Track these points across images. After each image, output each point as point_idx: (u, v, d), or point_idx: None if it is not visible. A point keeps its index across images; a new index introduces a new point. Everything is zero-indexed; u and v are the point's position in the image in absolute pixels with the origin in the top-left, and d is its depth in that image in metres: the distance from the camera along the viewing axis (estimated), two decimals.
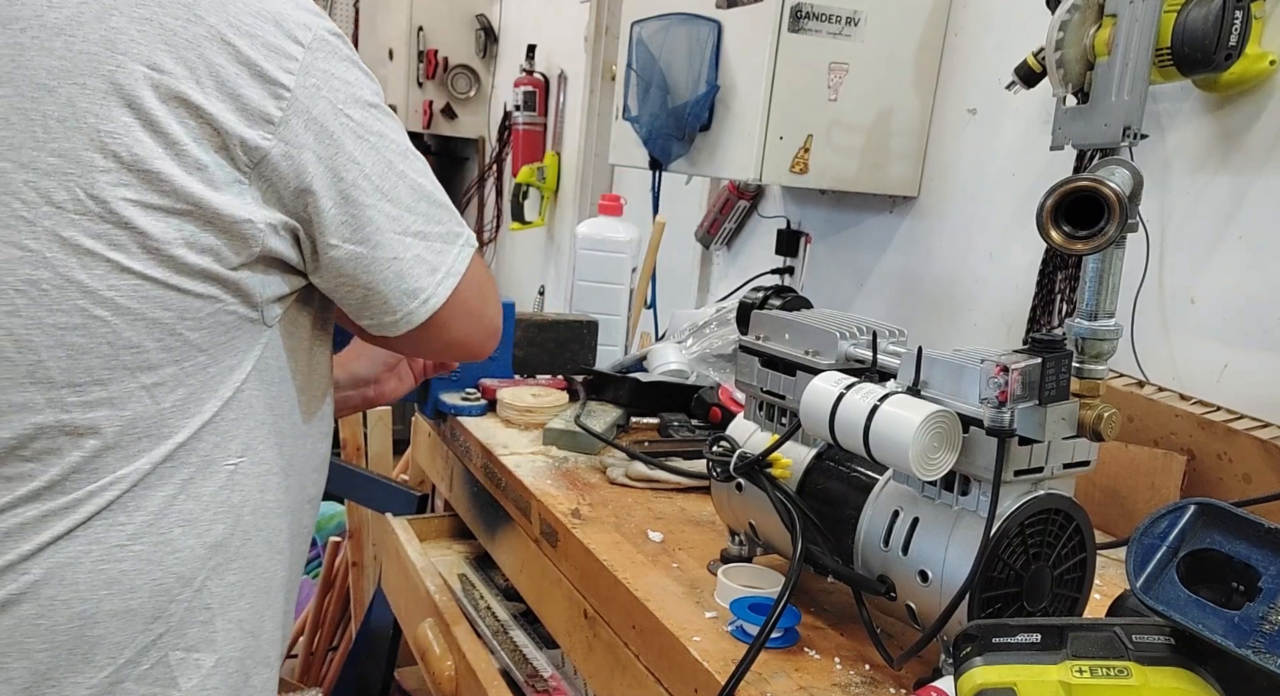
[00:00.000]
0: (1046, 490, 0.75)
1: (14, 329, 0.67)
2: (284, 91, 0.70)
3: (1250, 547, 0.61)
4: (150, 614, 0.73)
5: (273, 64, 0.70)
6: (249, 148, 0.70)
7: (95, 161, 0.66)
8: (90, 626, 0.71)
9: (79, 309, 0.68)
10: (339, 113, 0.73)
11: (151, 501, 0.72)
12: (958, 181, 1.66)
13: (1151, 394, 1.21)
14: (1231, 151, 1.23)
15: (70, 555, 0.70)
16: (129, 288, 0.68)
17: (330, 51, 0.74)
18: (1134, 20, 1.14)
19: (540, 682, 1.21)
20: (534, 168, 3.37)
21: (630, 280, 1.74)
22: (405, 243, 0.78)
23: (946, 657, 0.76)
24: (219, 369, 0.74)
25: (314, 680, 2.20)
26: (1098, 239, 0.72)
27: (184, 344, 0.72)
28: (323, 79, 0.73)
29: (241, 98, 0.69)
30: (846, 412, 0.76)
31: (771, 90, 1.56)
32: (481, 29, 3.95)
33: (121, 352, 0.69)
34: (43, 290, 0.67)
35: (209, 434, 0.75)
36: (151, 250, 0.68)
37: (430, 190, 0.80)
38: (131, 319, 0.69)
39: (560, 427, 1.33)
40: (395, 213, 0.77)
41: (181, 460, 0.73)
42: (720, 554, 1.01)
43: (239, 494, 0.77)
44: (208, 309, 0.72)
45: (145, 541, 0.72)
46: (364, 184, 0.75)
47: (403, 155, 0.78)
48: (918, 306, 1.74)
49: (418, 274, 0.79)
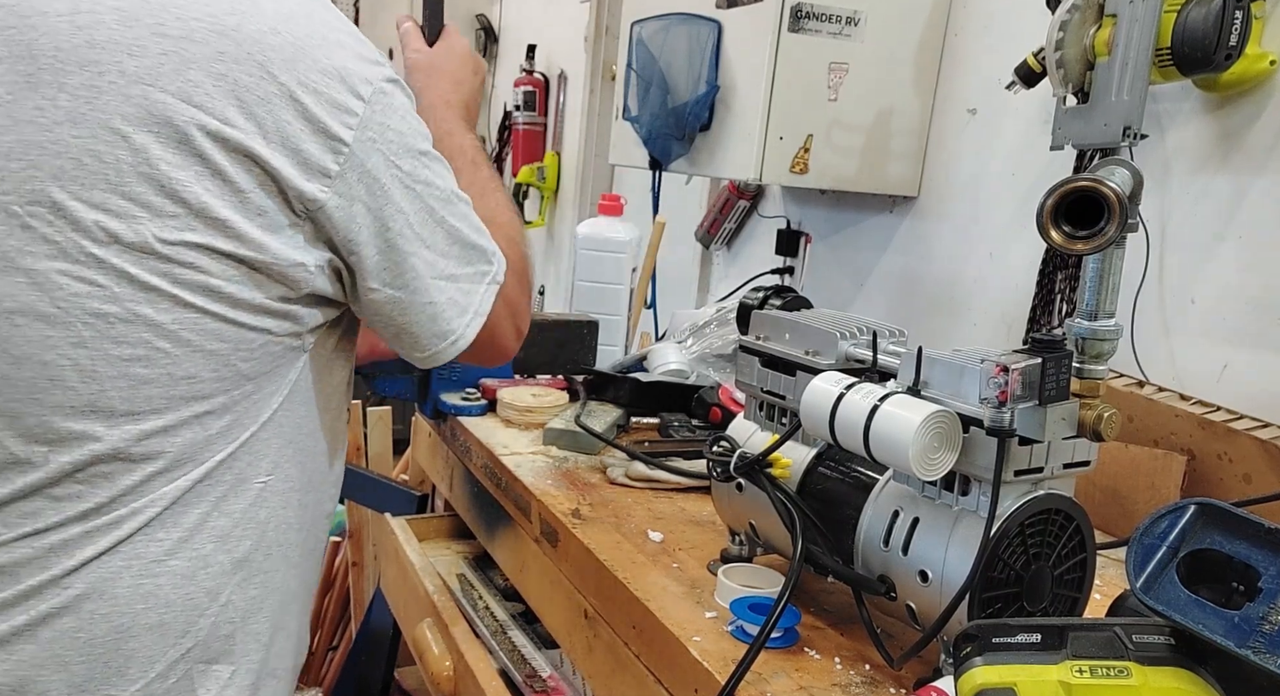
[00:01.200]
0: (1046, 490, 0.75)
1: (79, 360, 0.69)
2: (343, 146, 0.73)
3: (1250, 547, 0.61)
4: (181, 628, 0.75)
5: (335, 120, 0.73)
6: (306, 198, 0.73)
7: (165, 207, 0.69)
8: (126, 640, 0.73)
9: (144, 341, 0.70)
10: (390, 164, 0.76)
11: (188, 518, 0.74)
12: (958, 181, 1.66)
13: (1151, 394, 1.21)
14: (1231, 151, 1.23)
15: (111, 569, 0.72)
16: (190, 321, 0.71)
17: (387, 103, 0.76)
18: (1134, 20, 1.14)
19: (538, 683, 1.21)
20: (534, 168, 3.37)
21: (630, 280, 1.74)
22: (440, 286, 0.81)
23: (946, 657, 0.76)
24: (262, 395, 0.77)
25: (314, 680, 2.20)
26: (1098, 239, 0.72)
27: (235, 374, 0.74)
28: (378, 132, 0.75)
29: (303, 153, 0.72)
30: (846, 412, 0.76)
31: (771, 90, 1.56)
32: (481, 29, 3.95)
33: (179, 383, 0.72)
34: (110, 323, 0.69)
35: (244, 453, 0.77)
36: (213, 289, 0.71)
37: (465, 233, 0.83)
38: (191, 351, 0.72)
39: (560, 427, 1.33)
40: (432, 258, 0.80)
41: (218, 479, 0.76)
42: (720, 554, 1.01)
43: (265, 510, 0.79)
44: (260, 340, 0.75)
45: (180, 557, 0.74)
46: (407, 232, 0.78)
47: (445, 201, 0.81)
48: (918, 306, 1.74)
49: (449, 316, 0.82)
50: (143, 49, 0.68)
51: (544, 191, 3.39)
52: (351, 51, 0.76)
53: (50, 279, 0.68)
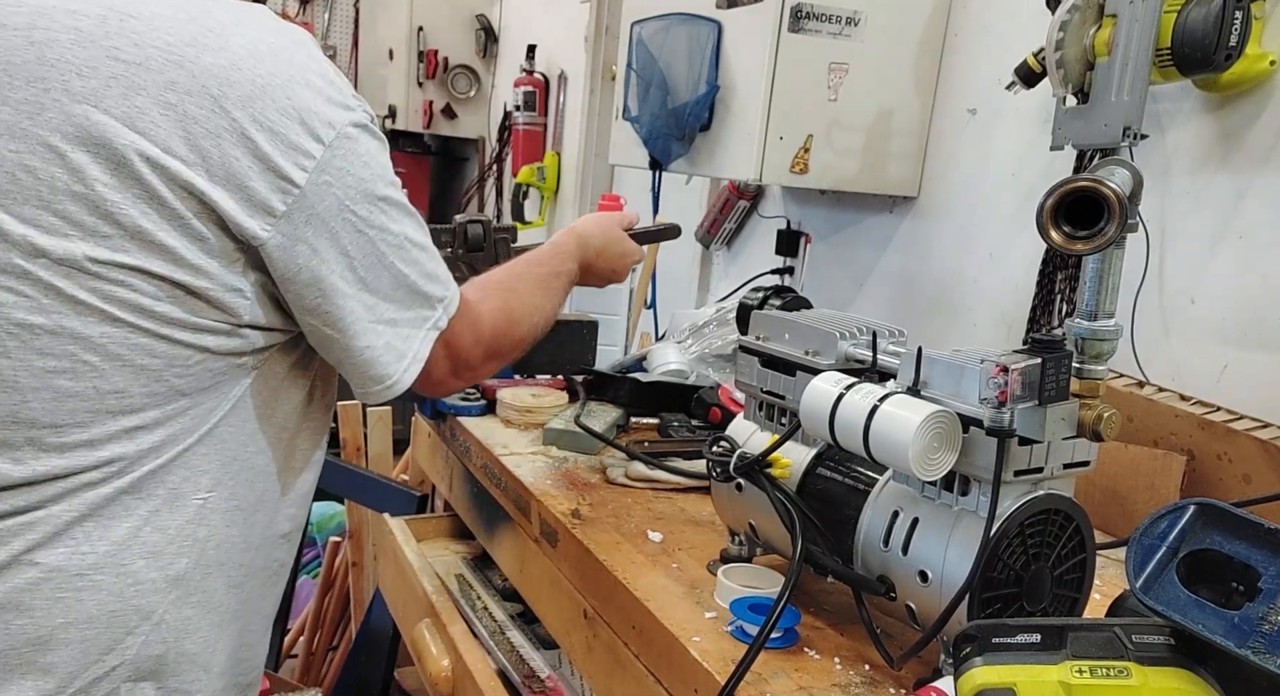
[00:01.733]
0: (1046, 490, 0.75)
1: (2, 370, 0.68)
2: (293, 188, 0.72)
3: (1250, 548, 0.61)
4: (106, 644, 0.73)
5: (288, 161, 0.72)
6: (247, 234, 0.71)
7: (98, 227, 0.68)
8: (44, 653, 0.71)
9: (69, 354, 0.69)
10: (344, 208, 0.75)
11: (115, 531, 0.73)
12: (958, 181, 1.66)
13: (1151, 394, 1.21)
14: (1231, 151, 1.23)
15: (30, 579, 0.70)
16: (120, 336, 0.70)
17: (349, 148, 0.75)
18: (1134, 20, 1.14)
19: (537, 683, 1.21)
20: (534, 168, 3.37)
21: (630, 280, 1.74)
22: (377, 330, 0.80)
23: (946, 657, 0.76)
24: (199, 411, 0.75)
25: (314, 680, 2.20)
26: (1098, 239, 0.72)
27: (169, 389, 0.73)
28: (336, 175, 0.74)
29: (248, 190, 0.71)
30: (846, 413, 0.76)
31: (771, 90, 1.56)
32: (481, 29, 3.95)
33: (106, 397, 0.71)
34: (35, 334, 0.68)
35: (179, 468, 0.75)
36: (144, 309, 0.70)
37: (411, 279, 0.81)
38: (120, 365, 0.70)
39: (560, 427, 1.33)
40: (372, 302, 0.79)
41: (148, 492, 0.74)
42: (720, 554, 1.01)
43: (205, 528, 0.77)
44: (196, 357, 0.73)
45: (106, 572, 0.72)
46: (349, 276, 0.77)
47: (397, 247, 0.80)
48: (918, 306, 1.74)
49: (386, 361, 0.81)
50: (93, 71, 0.68)
51: (544, 191, 3.39)
52: (319, 93, 0.74)
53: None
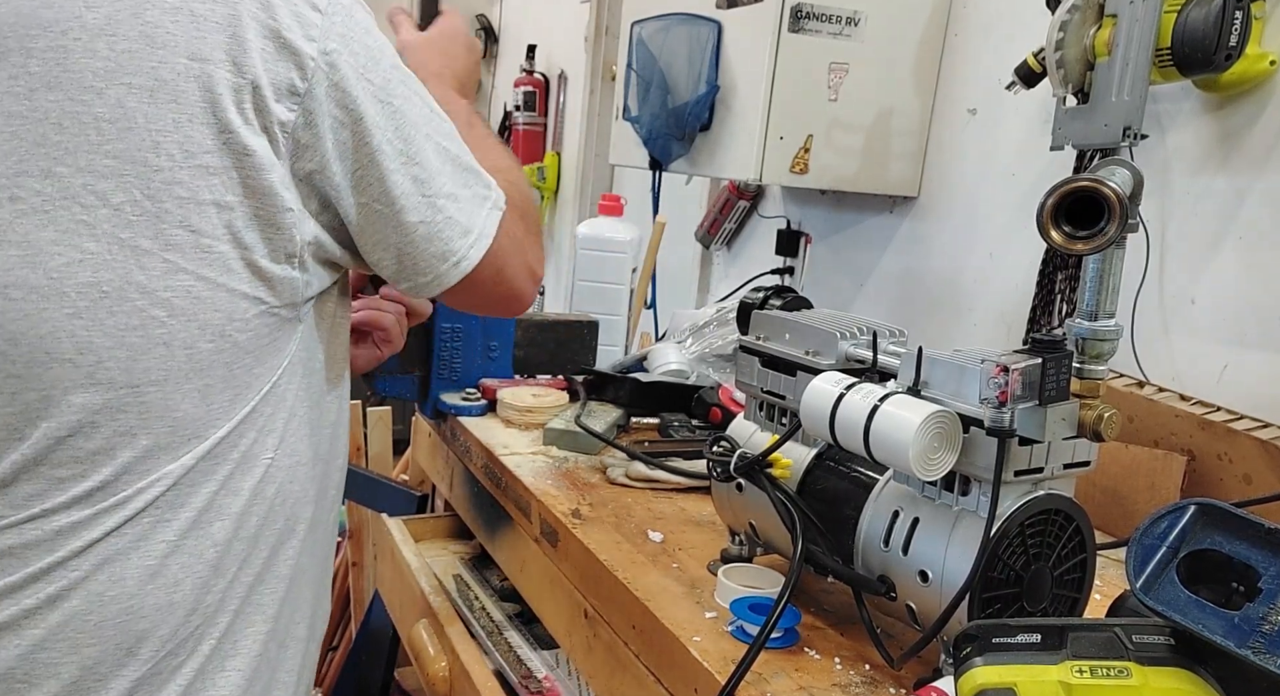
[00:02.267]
0: (1046, 490, 0.75)
1: (76, 331, 0.68)
2: (308, 60, 0.71)
3: (1250, 548, 0.61)
4: (190, 606, 0.75)
5: (295, 34, 0.71)
6: (283, 123, 0.71)
7: (149, 160, 0.67)
8: (136, 620, 0.73)
9: (137, 309, 0.69)
10: (360, 77, 0.74)
11: (197, 497, 0.74)
12: (958, 181, 1.66)
13: (1151, 394, 1.21)
14: (1231, 152, 1.23)
15: (119, 550, 0.71)
16: (183, 288, 0.70)
17: (347, 15, 0.74)
18: (1134, 20, 1.14)
19: (534, 683, 1.21)
20: (534, 168, 3.37)
21: (630, 280, 1.74)
22: (436, 204, 0.78)
23: (946, 657, 0.76)
24: (263, 369, 0.76)
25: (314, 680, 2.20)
26: (1098, 239, 0.72)
27: (233, 346, 0.73)
28: (341, 43, 0.73)
29: (272, 72, 0.70)
30: (846, 413, 0.76)
31: (771, 90, 1.56)
32: (481, 29, 3.95)
33: (177, 353, 0.71)
34: (103, 292, 0.68)
35: (249, 429, 0.76)
36: (204, 248, 0.70)
37: (456, 153, 0.80)
38: (185, 320, 0.70)
39: (560, 427, 1.33)
40: (423, 175, 0.77)
41: (223, 456, 0.75)
42: (720, 554, 1.01)
43: (273, 486, 0.79)
44: (254, 310, 0.73)
45: (191, 537, 0.74)
46: (387, 148, 0.75)
47: (427, 118, 0.79)
48: (918, 306, 1.74)
49: (449, 236, 0.79)
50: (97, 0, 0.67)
51: (544, 191, 3.39)
52: None
53: (42, 250, 0.67)
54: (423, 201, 0.78)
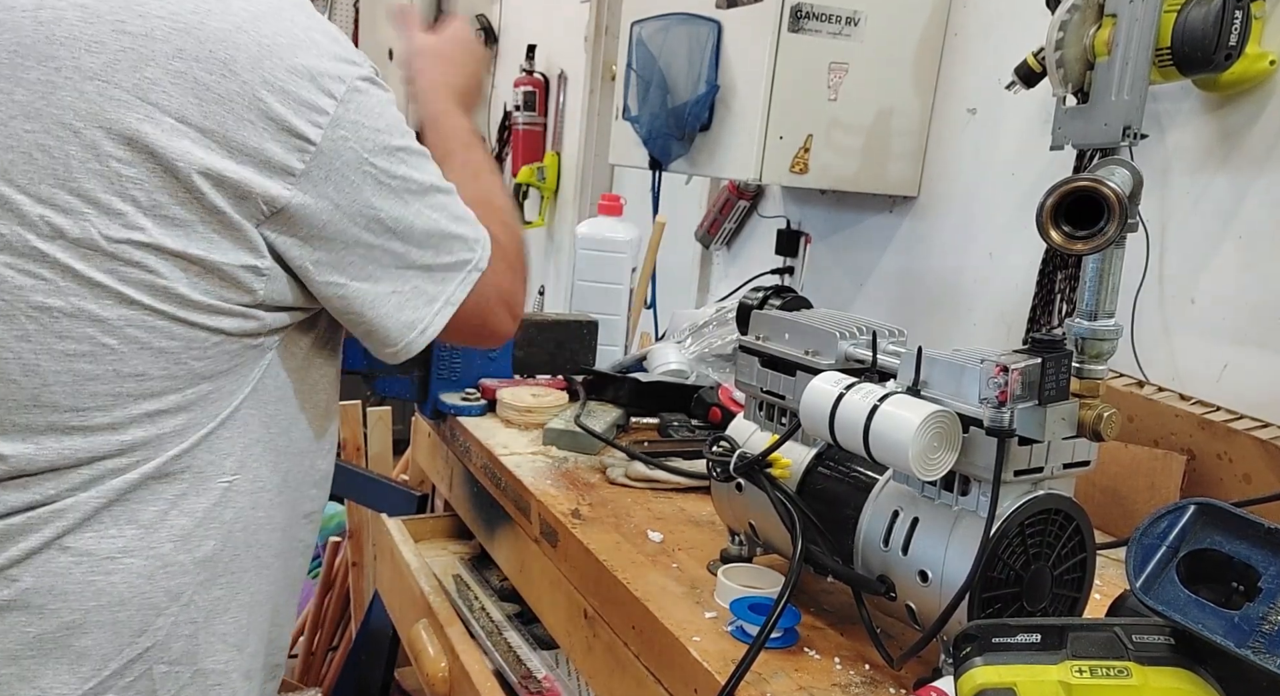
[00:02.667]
0: (1046, 490, 0.75)
1: (23, 353, 0.69)
2: (309, 145, 0.72)
3: (1250, 547, 0.61)
4: (138, 627, 0.74)
5: (302, 119, 0.72)
6: (269, 198, 0.71)
7: (112, 204, 0.68)
8: (78, 637, 0.72)
9: (88, 337, 0.69)
10: (363, 161, 0.75)
11: (143, 515, 0.73)
12: (958, 181, 1.66)
13: (1151, 394, 1.21)
14: (1231, 151, 1.23)
15: (61, 564, 0.71)
16: (138, 318, 0.70)
17: (361, 102, 0.75)
18: (1134, 20, 1.14)
19: (534, 684, 1.21)
20: (534, 168, 3.37)
21: (630, 280, 1.74)
22: (406, 276, 0.80)
23: (946, 657, 0.76)
24: (220, 394, 0.76)
25: (314, 680, 2.20)
26: (1098, 239, 0.72)
27: (188, 372, 0.73)
28: (351, 130, 0.74)
29: (265, 152, 0.70)
30: (846, 412, 0.76)
31: (771, 90, 1.56)
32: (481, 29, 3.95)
33: (126, 380, 0.71)
34: (54, 317, 0.68)
35: (203, 451, 0.75)
36: (160, 288, 0.70)
37: (443, 225, 0.81)
38: (138, 348, 0.71)
39: (560, 427, 1.33)
40: (403, 250, 0.79)
41: (174, 475, 0.74)
42: (720, 554, 1.01)
43: (231, 510, 0.78)
44: (213, 339, 0.74)
45: (136, 556, 0.73)
46: (375, 227, 0.77)
47: (422, 194, 0.80)
48: (918, 306, 1.74)
49: (415, 305, 0.81)
50: (101, 46, 0.68)
51: (544, 191, 3.39)
52: (324, 51, 0.75)
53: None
54: (396, 274, 0.79)
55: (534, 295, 3.48)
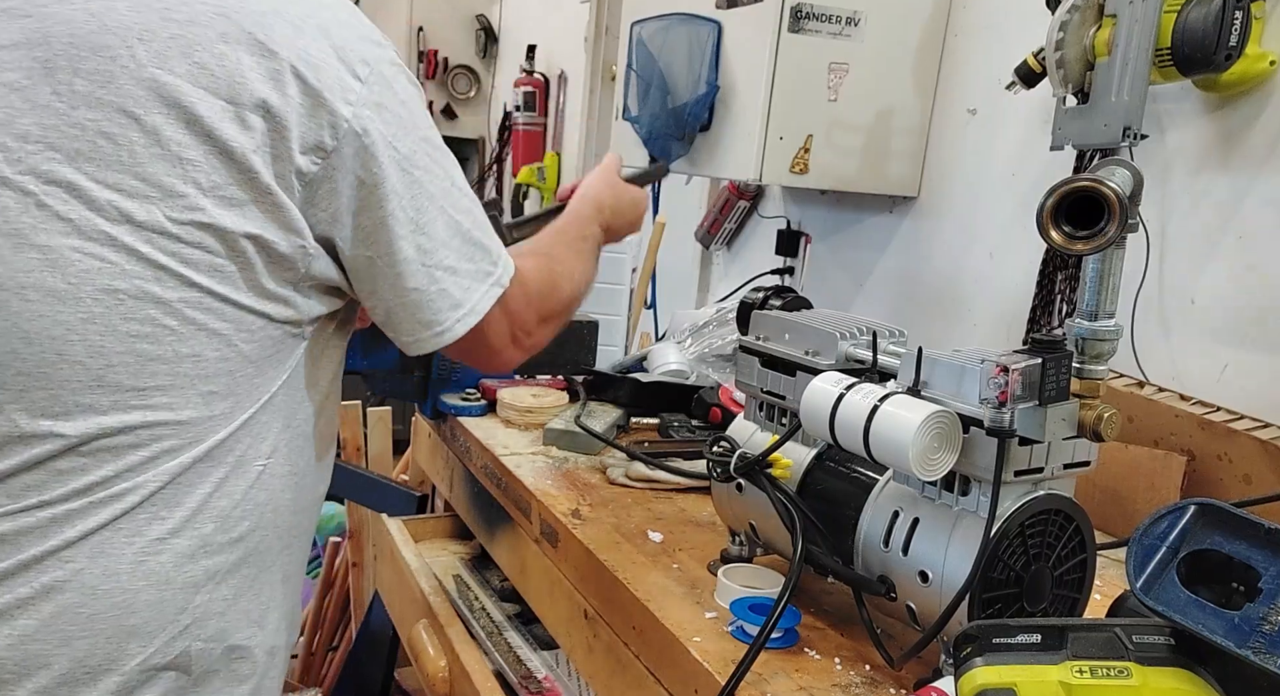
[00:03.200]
0: (1046, 490, 0.75)
1: (88, 335, 0.71)
2: (341, 122, 0.75)
3: (1250, 548, 0.61)
4: (180, 604, 0.76)
5: (334, 96, 0.74)
6: (302, 173, 0.74)
7: (175, 187, 0.71)
8: (128, 616, 0.74)
9: (151, 318, 0.72)
10: (388, 145, 0.77)
11: (192, 497, 0.76)
12: (958, 181, 1.66)
13: (1151, 394, 1.21)
14: (1231, 151, 1.23)
15: (114, 545, 0.73)
16: (195, 300, 0.73)
17: (386, 85, 0.78)
18: (1134, 20, 1.14)
19: (534, 684, 1.21)
20: (534, 168, 3.37)
21: (630, 280, 1.74)
22: (433, 275, 0.81)
23: (946, 658, 0.76)
24: (263, 379, 0.79)
25: (314, 680, 2.20)
26: (1098, 239, 0.72)
27: (238, 355, 0.76)
28: (376, 111, 0.76)
29: (303, 127, 0.73)
30: (846, 413, 0.76)
31: (771, 90, 1.56)
32: (481, 29, 3.95)
33: (184, 361, 0.74)
34: (119, 300, 0.71)
35: (245, 435, 0.78)
36: (217, 269, 0.73)
37: (466, 227, 0.83)
38: (195, 329, 0.74)
39: (560, 428, 1.33)
40: (428, 246, 0.80)
41: (219, 459, 0.77)
42: (720, 554, 1.01)
43: (265, 492, 0.81)
44: (259, 323, 0.76)
45: (183, 536, 0.76)
46: (400, 215, 0.78)
47: (446, 192, 0.81)
48: (918, 306, 1.74)
49: (439, 307, 0.82)
50: (152, 34, 0.71)
51: (544, 191, 3.39)
52: (353, 31, 0.78)
53: (63, 255, 0.70)
54: (422, 270, 0.81)
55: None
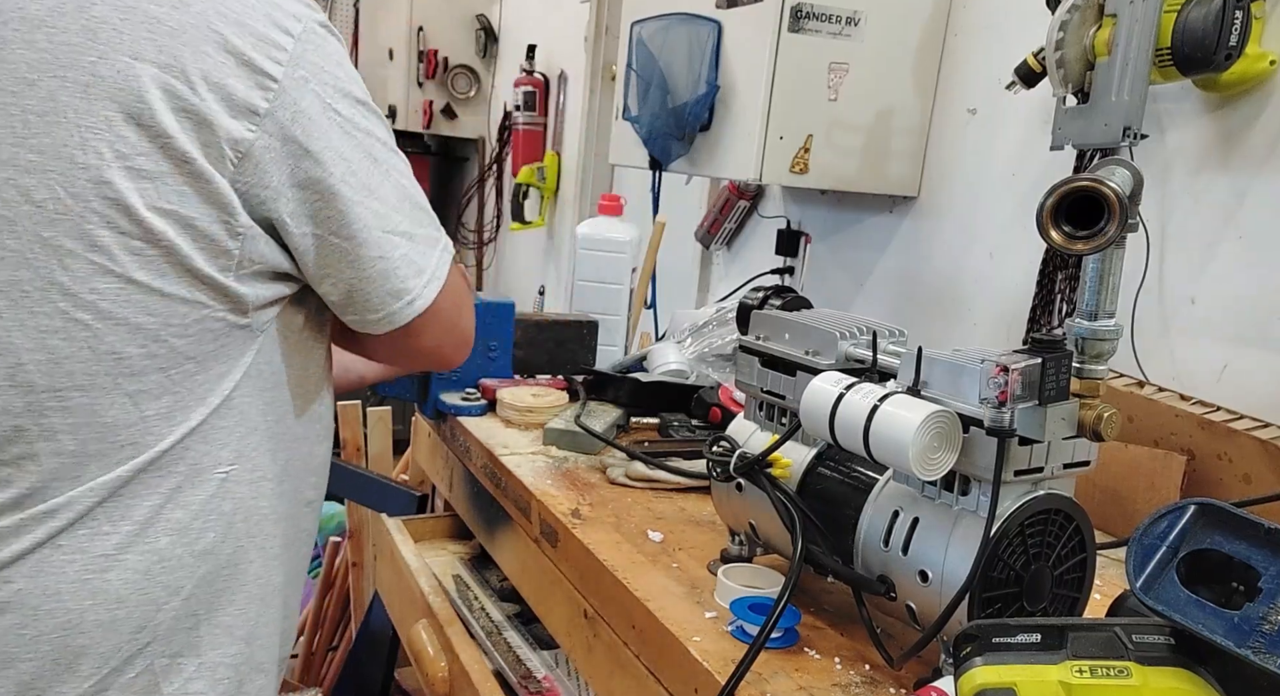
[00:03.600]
0: (1046, 490, 0.75)
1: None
2: (271, 82, 0.69)
3: (1250, 548, 0.61)
4: (137, 623, 0.73)
5: (260, 54, 0.69)
6: (234, 140, 0.68)
7: (75, 157, 0.65)
8: (75, 636, 0.70)
9: (60, 312, 0.66)
10: (326, 106, 0.72)
11: (138, 510, 0.71)
12: (958, 181, 1.66)
13: (1151, 394, 1.21)
14: (1231, 151, 1.23)
15: (54, 564, 0.69)
16: (111, 291, 0.67)
17: (319, 43, 0.73)
18: (1134, 20, 1.14)
19: (534, 683, 1.21)
20: (534, 168, 3.37)
21: (630, 280, 1.74)
22: (392, 241, 0.77)
23: (946, 657, 0.76)
24: (208, 376, 0.73)
25: (314, 680, 2.20)
26: (1098, 239, 0.71)
27: (169, 351, 0.70)
28: (311, 71, 0.71)
29: (227, 88, 0.67)
30: (846, 413, 0.76)
31: (771, 90, 1.56)
32: (481, 29, 3.95)
33: (103, 358, 0.68)
34: (24, 291, 0.66)
35: (197, 441, 0.73)
36: (134, 251, 0.67)
37: (412, 192, 0.79)
38: (114, 324, 0.68)
39: (560, 427, 1.33)
40: (382, 211, 0.76)
41: (167, 469, 0.72)
42: (720, 554, 1.01)
43: (230, 501, 0.76)
44: (194, 315, 0.71)
45: (133, 551, 0.72)
46: (350, 179, 0.74)
47: (388, 154, 0.77)
48: (918, 306, 1.74)
49: (404, 274, 0.78)
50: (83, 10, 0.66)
51: (544, 191, 3.39)
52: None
53: None
54: (382, 236, 0.76)
55: (534, 295, 3.48)
